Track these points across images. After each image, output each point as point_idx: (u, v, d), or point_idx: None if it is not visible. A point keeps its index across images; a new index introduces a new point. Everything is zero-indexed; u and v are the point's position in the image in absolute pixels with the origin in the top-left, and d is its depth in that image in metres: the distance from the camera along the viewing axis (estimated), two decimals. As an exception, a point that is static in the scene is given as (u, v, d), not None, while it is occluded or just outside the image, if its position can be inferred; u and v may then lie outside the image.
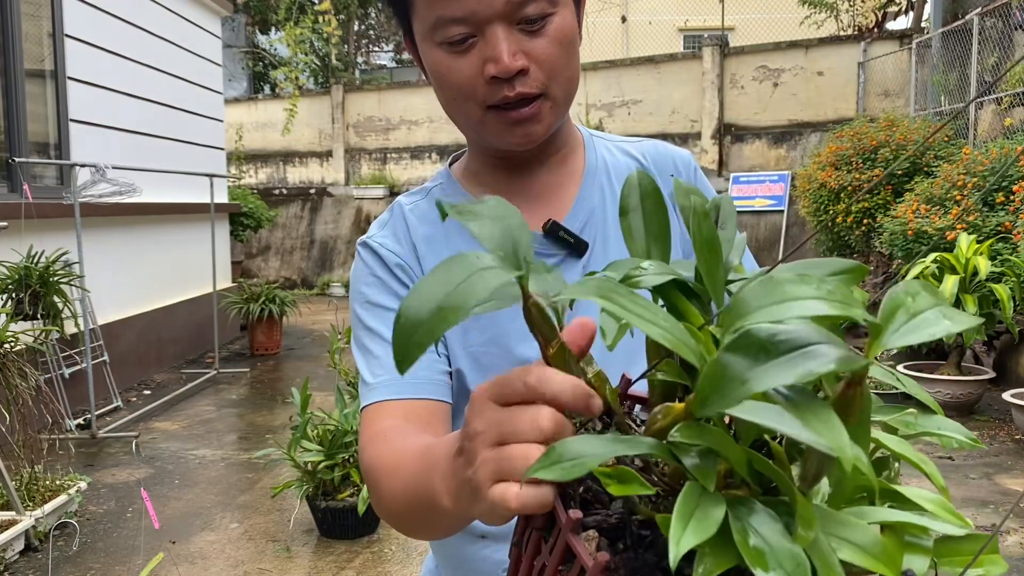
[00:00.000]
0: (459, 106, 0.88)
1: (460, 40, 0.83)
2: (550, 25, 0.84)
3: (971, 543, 0.44)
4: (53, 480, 3.54)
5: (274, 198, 12.34)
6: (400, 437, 0.77)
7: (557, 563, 0.46)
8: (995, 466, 4.23)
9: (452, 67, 0.85)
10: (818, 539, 0.38)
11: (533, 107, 0.85)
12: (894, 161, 6.93)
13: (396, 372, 0.80)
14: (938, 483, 0.48)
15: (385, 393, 0.85)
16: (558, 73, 0.86)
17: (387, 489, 0.74)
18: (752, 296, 0.41)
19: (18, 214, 4.26)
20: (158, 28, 6.75)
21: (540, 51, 0.84)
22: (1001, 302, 4.73)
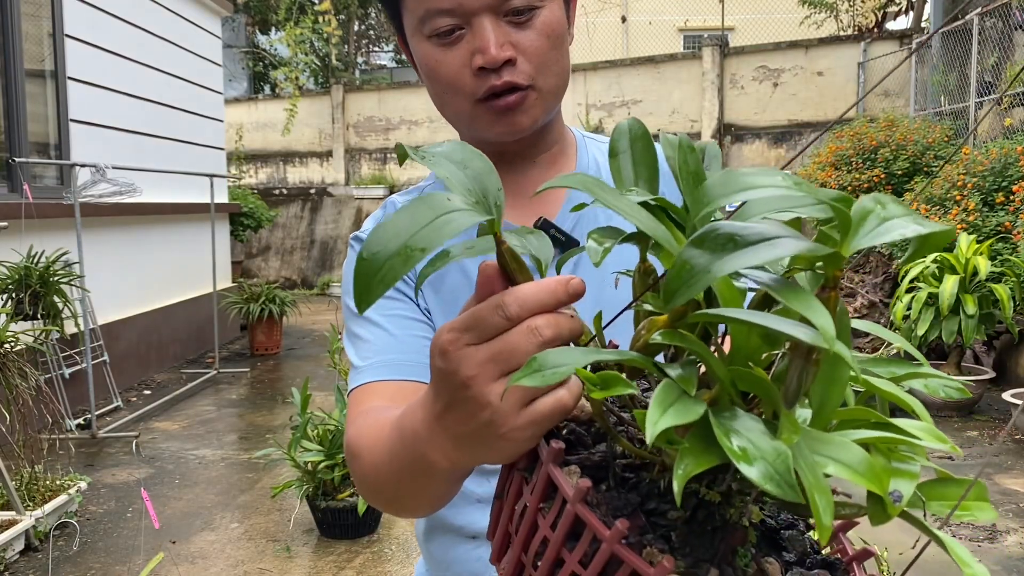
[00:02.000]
0: (449, 100, 0.88)
1: (448, 32, 0.84)
2: (537, 18, 0.85)
3: (958, 487, 0.44)
4: (53, 480, 3.54)
5: (274, 198, 12.34)
6: (383, 414, 0.74)
7: (539, 499, 0.45)
8: (995, 466, 4.23)
9: (440, 60, 0.86)
10: (801, 446, 0.38)
11: (518, 96, 0.85)
12: (894, 161, 6.93)
13: (385, 355, 0.82)
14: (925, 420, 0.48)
15: (372, 374, 0.84)
16: (545, 66, 0.86)
17: (370, 465, 0.72)
18: (716, 185, 0.42)
19: (18, 214, 4.26)
20: (158, 28, 6.75)
21: (527, 43, 0.84)
22: (1001, 302, 4.74)
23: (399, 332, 0.87)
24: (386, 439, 0.66)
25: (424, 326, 0.90)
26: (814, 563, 0.47)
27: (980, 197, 5.58)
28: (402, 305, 0.89)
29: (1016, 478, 4.06)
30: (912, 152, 6.90)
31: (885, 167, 6.93)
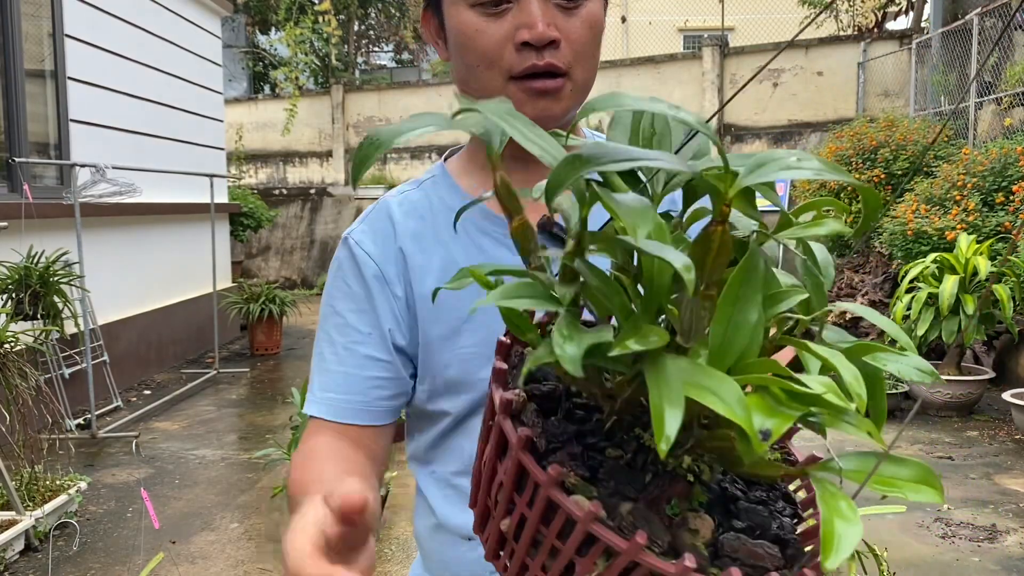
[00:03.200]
0: (480, 74, 0.86)
1: (494, 2, 0.83)
2: (584, 8, 0.85)
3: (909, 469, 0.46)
4: (53, 480, 3.54)
5: (274, 198, 12.34)
6: (317, 466, 0.82)
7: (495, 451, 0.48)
8: (995, 466, 4.23)
9: (482, 30, 0.84)
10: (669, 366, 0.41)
11: (558, 82, 0.85)
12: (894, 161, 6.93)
13: (335, 392, 0.86)
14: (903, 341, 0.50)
15: (325, 412, 0.89)
16: (584, 57, 0.86)
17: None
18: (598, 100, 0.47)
19: (18, 214, 4.26)
20: (158, 28, 6.75)
21: (572, 30, 0.84)
22: (1001, 302, 4.74)
23: (354, 371, 0.90)
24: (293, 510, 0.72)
25: (381, 365, 0.90)
26: (765, 534, 0.48)
27: (980, 197, 5.58)
28: (367, 341, 0.90)
29: (1016, 478, 4.06)
30: (912, 152, 6.90)
31: (885, 167, 6.93)
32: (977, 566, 3.12)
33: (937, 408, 5.14)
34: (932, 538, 3.37)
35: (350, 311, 0.91)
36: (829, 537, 0.39)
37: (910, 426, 4.96)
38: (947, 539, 3.36)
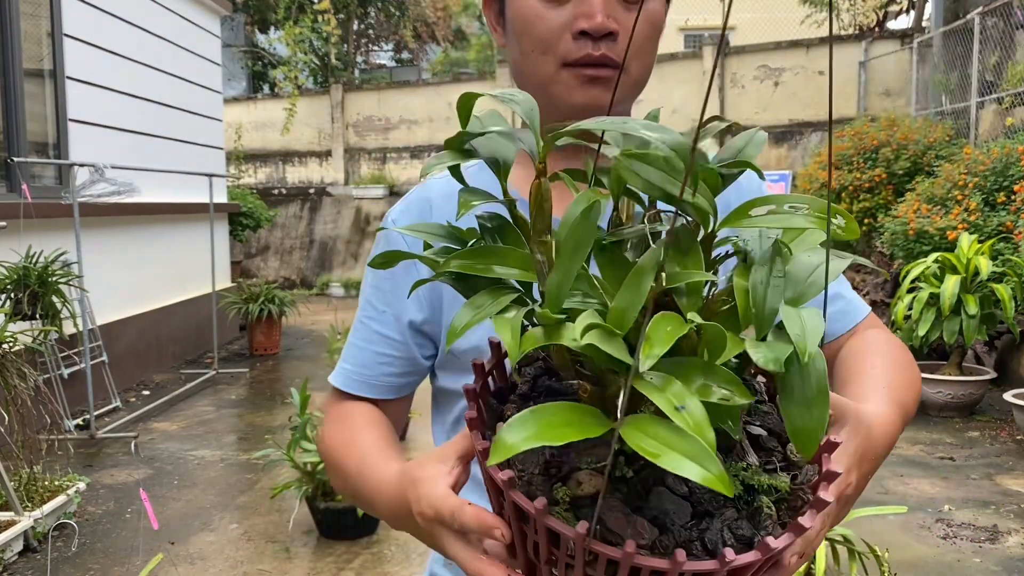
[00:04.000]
0: (535, 60, 0.87)
1: None
2: (646, 4, 0.86)
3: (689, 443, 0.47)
4: (52, 481, 3.53)
5: (273, 198, 12.33)
6: (349, 432, 0.90)
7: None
8: (996, 466, 4.22)
9: (542, 15, 0.85)
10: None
11: (609, 72, 0.85)
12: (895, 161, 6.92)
13: (352, 364, 0.97)
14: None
15: (337, 381, 0.96)
16: (640, 52, 0.87)
17: (337, 482, 0.91)
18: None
19: (17, 214, 4.25)
20: (157, 28, 6.74)
21: (631, 24, 0.85)
22: (1002, 302, 4.72)
23: (364, 345, 0.96)
24: (353, 474, 0.84)
25: (389, 342, 0.95)
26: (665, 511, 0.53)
27: (981, 197, 5.57)
28: (380, 318, 0.95)
29: (1017, 478, 4.05)
30: (913, 152, 6.89)
31: (886, 167, 6.92)
32: (978, 567, 3.11)
33: (938, 408, 5.13)
34: (933, 539, 3.36)
35: (372, 287, 0.96)
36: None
37: (911, 427, 4.96)
38: (948, 540, 3.35)
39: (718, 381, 0.48)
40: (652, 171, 0.50)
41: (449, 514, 0.60)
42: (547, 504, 0.50)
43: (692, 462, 0.44)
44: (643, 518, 0.51)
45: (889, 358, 0.87)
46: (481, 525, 0.57)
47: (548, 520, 0.50)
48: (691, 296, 0.52)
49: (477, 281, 0.55)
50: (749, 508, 0.54)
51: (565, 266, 0.50)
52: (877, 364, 0.85)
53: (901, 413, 0.78)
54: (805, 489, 0.55)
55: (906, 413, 0.80)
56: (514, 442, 0.46)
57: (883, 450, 0.71)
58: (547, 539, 0.52)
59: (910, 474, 4.14)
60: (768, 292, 0.52)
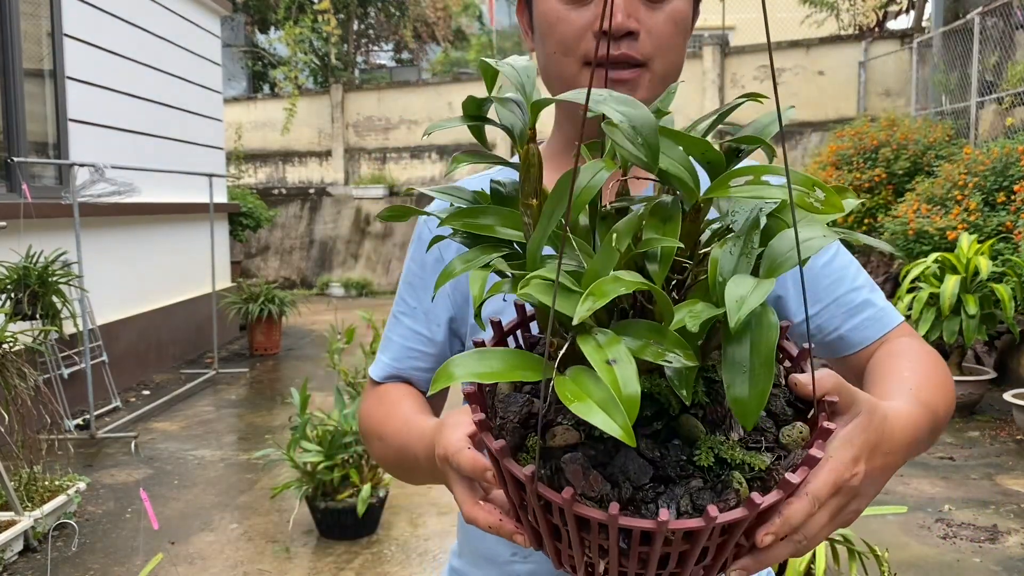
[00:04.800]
0: (558, 60, 0.89)
1: None
2: (670, 4, 0.87)
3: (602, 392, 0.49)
4: (52, 480, 3.53)
5: (273, 198, 12.33)
6: (389, 405, 0.95)
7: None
8: (996, 466, 4.22)
9: (564, 17, 0.87)
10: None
11: (633, 72, 0.86)
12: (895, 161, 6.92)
13: (387, 357, 1.02)
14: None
15: (374, 372, 1.02)
16: (665, 49, 0.88)
17: (378, 452, 0.95)
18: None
19: (17, 214, 4.25)
20: (157, 28, 6.74)
21: (654, 23, 0.86)
22: (1002, 302, 4.72)
23: (397, 339, 1.00)
24: (394, 438, 0.89)
25: (419, 338, 0.98)
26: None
27: (981, 197, 5.57)
28: (412, 314, 1.00)
29: (1017, 478, 4.05)
30: (913, 152, 6.89)
31: (886, 166, 6.92)
32: (978, 567, 3.11)
33: (938, 408, 5.12)
34: (933, 539, 3.36)
35: (407, 283, 1.00)
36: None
37: (911, 426, 4.96)
38: (948, 540, 3.35)
39: (667, 344, 0.49)
40: (624, 140, 0.51)
41: (453, 454, 0.64)
42: (506, 446, 0.54)
43: (601, 411, 0.46)
44: (602, 474, 0.53)
45: (920, 364, 0.85)
46: (474, 467, 0.62)
47: (505, 461, 0.54)
48: (662, 262, 0.53)
49: (483, 240, 0.58)
50: (718, 481, 0.53)
51: (543, 227, 0.53)
52: (906, 368, 0.84)
53: (927, 413, 0.76)
54: (783, 471, 0.54)
55: (934, 414, 0.78)
56: (456, 374, 0.51)
57: (901, 448, 0.68)
58: (514, 484, 0.56)
59: (910, 474, 4.14)
60: (737, 262, 0.53)
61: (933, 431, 0.78)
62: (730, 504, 0.52)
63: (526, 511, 0.58)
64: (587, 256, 0.55)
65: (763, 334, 0.50)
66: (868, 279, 0.96)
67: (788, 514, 0.55)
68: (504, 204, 0.61)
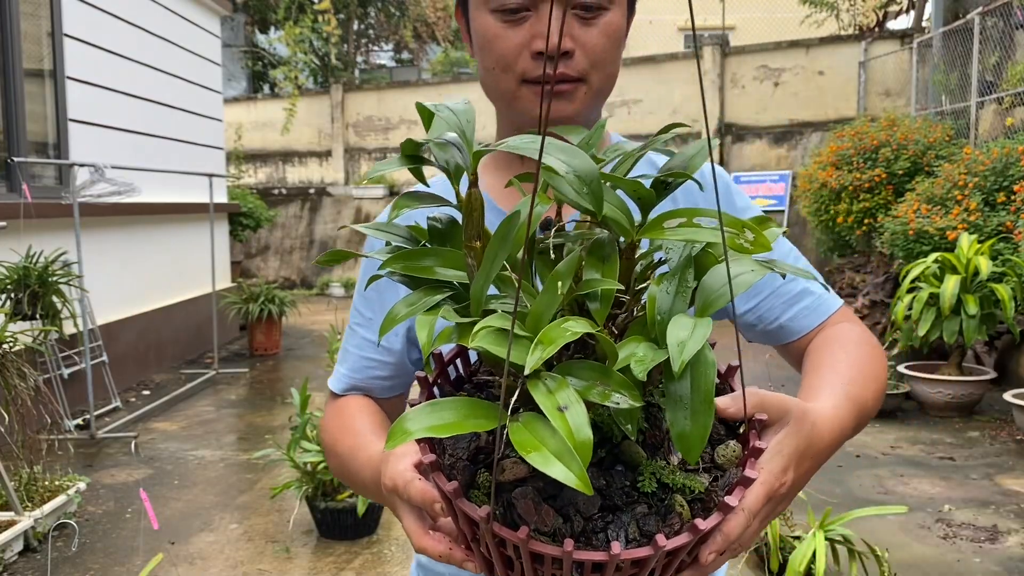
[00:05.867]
0: (497, 76, 0.91)
1: (514, 10, 0.87)
2: (602, 18, 0.88)
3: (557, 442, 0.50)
4: (52, 480, 3.53)
5: (273, 198, 12.33)
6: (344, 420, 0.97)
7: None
8: (996, 466, 4.22)
9: (501, 35, 0.88)
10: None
11: (570, 85, 0.89)
12: (895, 161, 6.92)
13: (346, 368, 1.04)
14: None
15: (334, 385, 1.03)
16: (601, 64, 0.89)
17: (334, 467, 0.98)
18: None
19: (17, 214, 4.25)
20: (157, 28, 6.74)
21: (588, 39, 0.88)
22: (1002, 302, 4.72)
23: (354, 351, 1.02)
24: (346, 454, 0.91)
25: (376, 349, 1.00)
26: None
27: (981, 197, 5.57)
28: (368, 325, 1.01)
29: (1017, 478, 4.05)
30: (913, 152, 6.89)
31: (886, 166, 6.92)
32: (978, 567, 3.11)
33: (938, 409, 5.13)
34: (933, 539, 3.36)
35: (361, 295, 1.01)
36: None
37: (911, 427, 4.96)
38: (948, 540, 3.35)
39: (613, 385, 0.51)
40: (568, 188, 0.53)
41: (403, 486, 0.66)
42: (459, 487, 0.55)
43: (558, 461, 0.47)
44: (552, 507, 0.54)
45: (854, 352, 0.89)
46: (423, 499, 0.63)
47: (459, 502, 0.55)
48: (602, 302, 0.55)
49: (422, 281, 0.59)
50: (661, 505, 0.56)
51: (486, 270, 0.54)
52: (840, 359, 0.87)
53: (855, 409, 0.80)
54: (720, 492, 0.57)
55: (862, 408, 0.82)
56: (411, 429, 0.50)
57: (828, 447, 0.73)
58: (467, 520, 0.57)
59: (910, 474, 4.14)
60: (674, 301, 0.56)
61: (859, 424, 0.82)
62: (675, 529, 0.55)
63: (478, 543, 0.59)
64: (530, 296, 0.56)
65: (702, 372, 0.53)
66: (807, 266, 0.98)
67: (727, 531, 0.58)
68: (442, 240, 0.62)
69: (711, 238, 0.54)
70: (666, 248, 0.60)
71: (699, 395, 0.53)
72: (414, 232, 0.63)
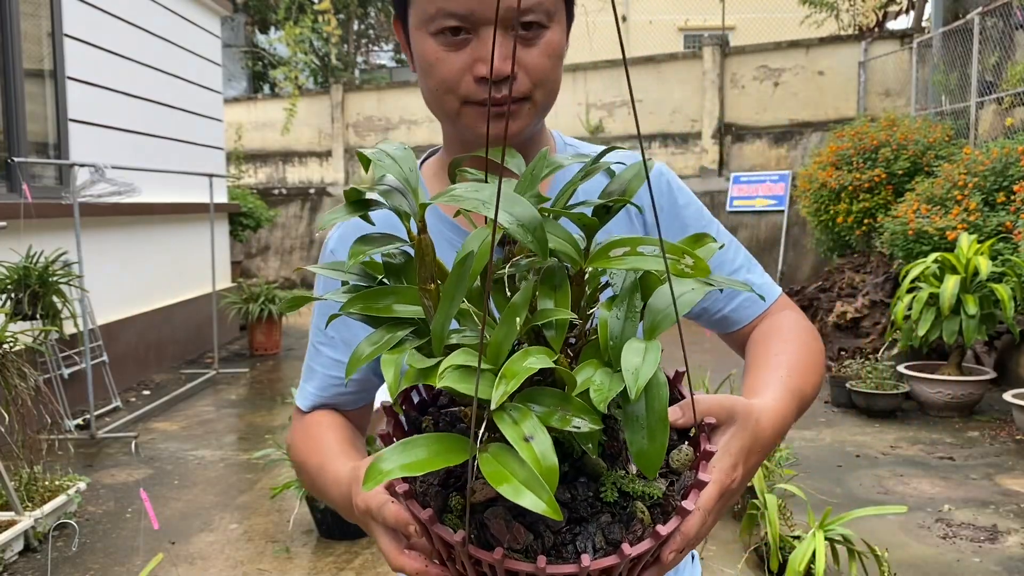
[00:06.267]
0: (440, 97, 0.91)
1: (454, 32, 0.86)
2: (542, 38, 0.88)
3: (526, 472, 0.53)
4: (52, 480, 3.53)
5: (273, 198, 12.33)
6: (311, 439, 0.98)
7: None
8: (996, 466, 4.23)
9: (442, 59, 0.88)
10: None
11: (514, 106, 0.89)
12: (895, 161, 6.93)
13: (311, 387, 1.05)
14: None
15: (303, 404, 1.04)
16: (543, 82, 0.90)
17: (305, 483, 0.99)
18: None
19: (17, 214, 4.25)
20: (158, 28, 6.74)
21: (530, 60, 0.88)
22: (1002, 302, 4.72)
23: (320, 369, 1.02)
24: (315, 472, 0.92)
25: (341, 366, 1.00)
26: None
27: (981, 197, 5.57)
28: (331, 343, 1.02)
29: (1017, 478, 4.05)
30: (913, 152, 6.89)
31: (886, 167, 6.92)
32: (978, 567, 3.11)
33: (938, 409, 5.13)
34: (933, 538, 3.36)
35: (322, 314, 1.02)
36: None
37: (911, 427, 4.96)
38: (948, 540, 3.35)
39: (573, 411, 0.55)
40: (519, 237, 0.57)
41: (376, 508, 0.68)
42: (434, 514, 0.58)
43: (528, 491, 0.50)
44: (523, 524, 0.58)
45: (793, 345, 0.94)
46: (398, 521, 0.65)
47: (435, 528, 0.58)
48: (558, 330, 0.59)
49: (382, 320, 0.62)
50: (624, 513, 0.60)
51: (444, 310, 0.56)
52: (780, 350, 0.92)
53: (796, 400, 0.85)
54: (676, 496, 0.62)
55: (802, 398, 0.87)
56: (386, 469, 0.53)
57: (772, 440, 0.77)
58: (442, 542, 0.60)
59: (910, 474, 4.14)
60: (624, 325, 0.60)
61: (800, 412, 0.87)
62: (638, 535, 0.59)
63: (454, 562, 0.62)
64: (489, 328, 0.59)
65: (656, 394, 0.57)
66: (747, 257, 1.03)
67: (685, 531, 0.62)
68: (398, 276, 0.66)
69: (654, 266, 0.58)
70: (611, 274, 0.64)
71: (654, 415, 0.57)
72: (369, 270, 0.66)
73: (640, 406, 0.57)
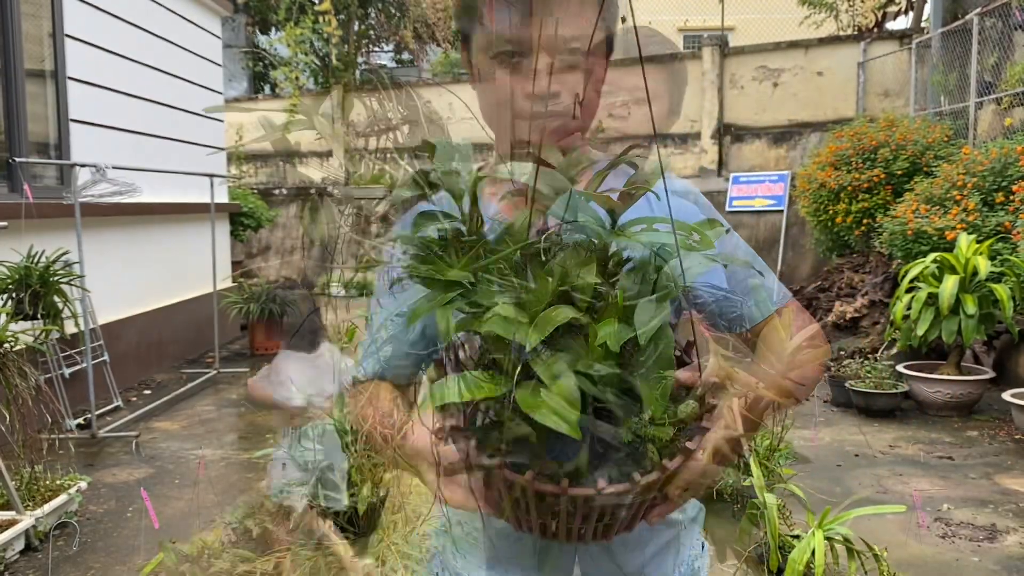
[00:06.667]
0: (494, 110, 1.08)
1: (510, 56, 1.03)
2: (584, 65, 1.06)
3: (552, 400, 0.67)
4: (53, 480, 3.54)
5: (274, 198, 12.34)
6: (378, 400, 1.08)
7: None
8: (995, 466, 4.24)
9: (500, 79, 1.05)
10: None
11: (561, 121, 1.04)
12: (894, 161, 6.93)
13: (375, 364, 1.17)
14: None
15: (364, 371, 1.17)
16: (587, 107, 1.08)
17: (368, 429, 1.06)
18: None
19: (18, 214, 4.26)
20: (158, 28, 6.75)
21: (574, 84, 1.05)
22: (1001, 302, 4.73)
23: (386, 348, 1.14)
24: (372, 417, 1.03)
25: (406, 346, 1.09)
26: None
27: (980, 197, 5.58)
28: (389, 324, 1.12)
29: (1016, 478, 4.06)
30: (912, 152, 6.90)
31: (885, 167, 6.93)
32: (977, 566, 3.12)
33: (937, 408, 5.14)
34: (932, 538, 3.37)
35: (384, 292, 1.09)
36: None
37: (910, 426, 4.97)
38: (947, 539, 3.36)
39: (594, 357, 0.66)
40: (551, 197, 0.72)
41: (428, 448, 0.80)
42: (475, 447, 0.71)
43: (555, 415, 0.63)
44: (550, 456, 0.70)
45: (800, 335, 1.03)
46: (446, 457, 0.77)
47: (476, 458, 0.70)
48: (583, 293, 0.70)
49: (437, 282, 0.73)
50: (637, 452, 0.71)
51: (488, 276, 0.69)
52: (787, 337, 1.03)
53: (796, 373, 0.94)
54: (682, 440, 0.73)
55: (802, 376, 0.97)
56: (441, 394, 0.67)
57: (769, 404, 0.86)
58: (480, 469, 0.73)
59: (909, 473, 4.15)
60: (639, 290, 0.71)
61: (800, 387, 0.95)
62: (648, 470, 0.70)
63: (491, 489, 0.75)
64: (526, 291, 0.71)
65: (662, 345, 0.68)
66: (759, 262, 1.14)
67: (690, 468, 0.73)
68: (447, 248, 0.77)
69: (667, 240, 0.70)
70: (632, 248, 0.75)
71: (661, 363, 0.68)
72: (431, 243, 0.78)
73: (649, 351, 0.68)
